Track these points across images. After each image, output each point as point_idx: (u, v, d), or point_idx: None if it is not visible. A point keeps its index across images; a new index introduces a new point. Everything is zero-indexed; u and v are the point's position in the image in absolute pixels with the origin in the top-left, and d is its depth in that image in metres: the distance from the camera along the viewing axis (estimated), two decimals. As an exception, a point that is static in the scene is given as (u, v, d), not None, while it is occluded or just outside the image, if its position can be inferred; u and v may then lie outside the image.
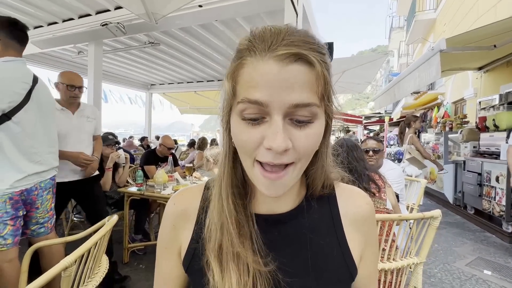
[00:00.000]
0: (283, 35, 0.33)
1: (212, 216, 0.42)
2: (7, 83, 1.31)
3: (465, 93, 5.99)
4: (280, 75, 0.31)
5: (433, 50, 2.57)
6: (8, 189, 1.29)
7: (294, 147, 0.34)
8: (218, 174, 0.43)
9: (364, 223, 0.46)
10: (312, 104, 0.33)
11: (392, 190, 1.43)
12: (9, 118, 1.29)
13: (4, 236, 1.28)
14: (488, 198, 3.43)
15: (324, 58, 0.35)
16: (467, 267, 2.44)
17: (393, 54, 21.19)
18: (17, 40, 1.39)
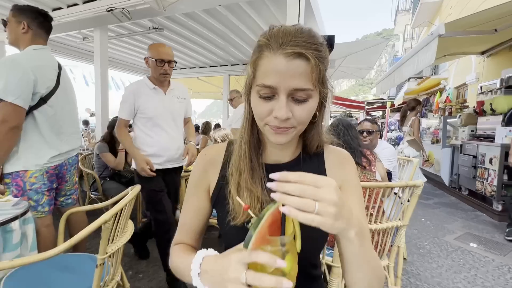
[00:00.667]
0: (291, 36, 0.46)
1: (233, 163, 0.58)
2: (45, 70, 1.44)
3: (467, 78, 6.00)
4: (286, 67, 0.45)
5: (432, 35, 2.63)
6: (46, 163, 1.46)
7: (293, 116, 0.48)
8: (240, 132, 0.58)
9: (341, 165, 0.60)
10: (307, 89, 0.47)
11: (382, 164, 1.58)
12: (45, 101, 1.44)
13: (43, 205, 1.47)
14: (481, 179, 3.58)
15: (320, 54, 0.47)
16: (455, 241, 2.63)
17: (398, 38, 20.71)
18: (45, 30, 1.52)
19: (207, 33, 4.71)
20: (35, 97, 1.39)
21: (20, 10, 1.46)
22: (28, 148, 1.42)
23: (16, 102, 1.29)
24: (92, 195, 2.54)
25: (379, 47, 3.88)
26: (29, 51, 1.45)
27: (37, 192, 1.45)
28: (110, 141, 2.58)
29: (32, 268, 1.12)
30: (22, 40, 1.46)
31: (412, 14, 11.10)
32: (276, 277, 0.38)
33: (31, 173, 1.42)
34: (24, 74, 1.33)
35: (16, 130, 1.34)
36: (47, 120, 1.46)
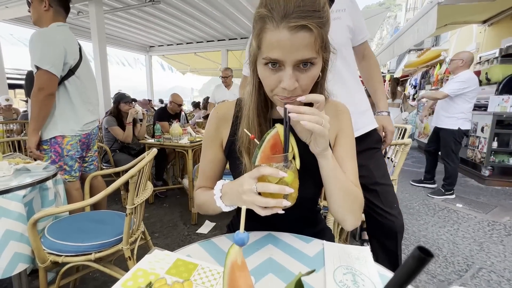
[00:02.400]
0: (293, 7, 0.47)
1: (243, 122, 0.63)
2: (71, 43, 1.56)
3: (468, 48, 5.95)
4: (291, 41, 0.48)
5: (432, 3, 2.63)
6: (80, 130, 1.62)
7: (300, 85, 0.52)
8: (248, 92, 0.63)
9: (337, 115, 0.67)
10: (311, 58, 0.50)
11: None
12: (73, 72, 1.57)
13: (75, 170, 1.65)
14: (472, 147, 3.75)
15: (322, 21, 0.49)
16: (442, 202, 2.85)
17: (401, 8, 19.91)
18: (64, 9, 1.60)
19: (204, 6, 4.61)
20: (65, 67, 1.52)
21: None
22: (63, 115, 1.57)
23: (51, 70, 1.43)
24: (103, 166, 2.69)
25: (379, 17, 3.84)
26: (55, 27, 1.55)
27: (72, 158, 1.63)
28: (117, 115, 2.68)
29: (69, 220, 1.29)
30: (45, 18, 1.54)
31: (416, -19, 10.63)
32: (280, 185, 0.51)
33: (67, 141, 1.59)
34: (56, 45, 1.46)
35: (52, 97, 1.48)
36: (77, 89, 1.60)
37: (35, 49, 1.43)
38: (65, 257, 1.08)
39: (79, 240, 1.11)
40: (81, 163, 1.74)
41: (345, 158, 0.67)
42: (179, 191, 3.08)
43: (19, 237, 1.07)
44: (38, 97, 1.43)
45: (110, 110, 2.74)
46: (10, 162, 1.30)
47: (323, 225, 0.84)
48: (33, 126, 1.48)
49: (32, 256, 1.12)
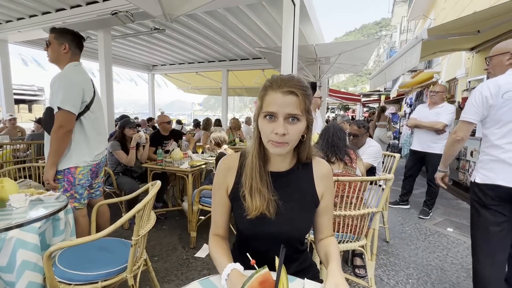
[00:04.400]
0: (286, 81, 0.71)
1: (246, 170, 0.80)
2: (87, 82, 1.73)
3: (458, 73, 6.23)
4: (282, 100, 0.69)
5: (417, 39, 2.85)
6: (92, 160, 1.76)
7: (288, 133, 0.70)
8: (250, 148, 0.80)
9: (324, 177, 0.85)
10: (298, 115, 0.70)
11: (362, 162, 1.86)
12: (89, 108, 1.73)
13: (84, 198, 1.76)
14: (463, 170, 3.88)
15: (306, 93, 0.71)
16: (434, 226, 2.94)
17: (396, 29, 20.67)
18: (80, 49, 1.78)
19: (207, 31, 4.87)
20: (82, 105, 1.69)
21: (61, 33, 1.71)
22: (78, 147, 1.70)
23: (72, 110, 1.59)
24: (106, 188, 2.80)
25: (371, 46, 4.09)
26: (72, 67, 1.72)
27: (82, 187, 1.75)
28: (122, 140, 2.81)
29: (77, 249, 1.39)
30: (63, 59, 1.71)
31: (408, 6, 11.19)
32: None
33: (79, 170, 1.72)
34: (77, 87, 1.63)
35: (70, 134, 1.63)
36: (91, 123, 1.75)
37: (58, 91, 1.58)
38: (74, 286, 1.17)
39: (88, 269, 1.21)
40: (89, 190, 1.86)
41: (329, 207, 0.88)
42: (178, 212, 3.16)
43: (33, 267, 1.17)
44: (58, 134, 1.57)
45: (115, 134, 2.87)
46: (26, 194, 1.41)
47: (309, 262, 0.95)
48: (51, 160, 1.61)
49: (43, 284, 1.21)
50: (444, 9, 7.71)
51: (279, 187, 0.80)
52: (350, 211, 1.48)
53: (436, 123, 3.01)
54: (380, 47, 21.59)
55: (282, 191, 0.80)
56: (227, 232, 0.91)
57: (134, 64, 7.96)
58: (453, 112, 3.01)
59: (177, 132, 3.61)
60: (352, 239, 1.58)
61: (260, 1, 3.34)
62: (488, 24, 3.34)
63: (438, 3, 8.55)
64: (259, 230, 0.80)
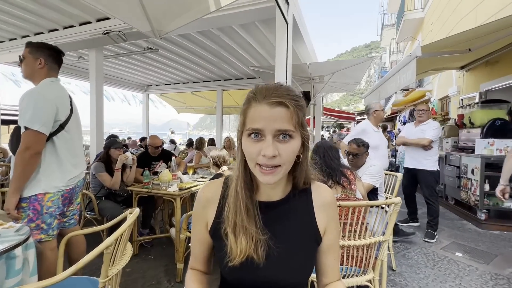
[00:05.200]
0: (272, 90, 0.56)
1: (229, 202, 0.64)
2: (63, 99, 1.58)
3: (450, 90, 6.31)
4: (270, 113, 0.55)
5: (411, 56, 2.83)
6: (64, 185, 1.56)
7: (279, 155, 0.55)
8: (234, 173, 0.65)
9: (327, 207, 0.68)
10: (289, 130, 0.56)
11: (362, 183, 1.70)
12: (63, 128, 1.57)
13: (53, 228, 1.54)
14: (465, 189, 3.74)
15: (298, 103, 0.57)
16: (441, 250, 2.74)
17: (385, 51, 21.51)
18: (58, 64, 1.66)
19: (201, 51, 4.88)
20: (55, 124, 1.52)
21: (36, 48, 1.59)
22: (48, 171, 1.52)
23: (41, 129, 1.42)
24: (87, 215, 2.57)
25: (364, 64, 4.11)
26: (47, 83, 1.58)
27: (51, 215, 1.54)
28: (107, 161, 2.63)
29: (34, 293, 1.16)
30: (38, 74, 1.58)
31: (397, 29, 11.66)
32: None
33: (48, 197, 1.52)
34: (48, 104, 1.48)
35: (38, 156, 1.45)
36: (65, 144, 1.58)
37: (26, 108, 1.43)
38: None
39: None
40: (61, 219, 1.65)
41: (335, 244, 0.71)
42: (166, 240, 2.91)
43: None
44: (24, 156, 1.39)
45: (100, 155, 2.70)
46: (-21, 226, 1.21)
47: None
48: (14, 186, 1.42)
49: None
50: (431, 31, 8.01)
51: (271, 221, 0.65)
52: (354, 240, 1.30)
53: (421, 140, 3.07)
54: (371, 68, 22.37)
55: (274, 226, 0.65)
56: (208, 267, 0.75)
57: (129, 84, 7.93)
58: (438, 128, 3.08)
59: (167, 152, 3.44)
60: (358, 273, 1.38)
61: (253, 20, 3.35)
62: (479, 43, 3.38)
63: (425, 25, 8.91)
64: (246, 279, 0.63)
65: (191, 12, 1.80)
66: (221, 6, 1.70)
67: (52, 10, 3.42)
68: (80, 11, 3.41)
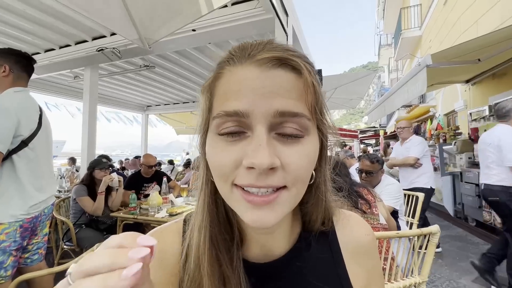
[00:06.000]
0: (264, 44, 0.31)
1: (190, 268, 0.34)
2: (28, 112, 1.38)
3: (456, 105, 6.13)
4: (262, 80, 0.28)
5: (420, 66, 2.66)
6: (23, 214, 1.30)
7: (283, 166, 0.28)
8: (197, 210, 0.36)
9: (365, 256, 0.42)
10: (301, 115, 0.29)
11: (383, 203, 1.40)
12: (26, 144, 1.34)
13: (6, 268, 1.26)
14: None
15: (313, 68, 0.32)
16: (474, 284, 2.36)
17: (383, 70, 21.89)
18: (27, 73, 1.47)
19: (198, 69, 4.78)
20: (16, 140, 1.30)
21: (1, 54, 1.42)
22: (3, 197, 1.27)
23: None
24: (65, 246, 2.25)
25: (368, 78, 3.95)
26: (11, 93, 1.39)
27: (4, 252, 1.26)
28: (90, 184, 2.37)
29: None
30: (2, 83, 1.39)
31: (394, 48, 11.83)
32: None
33: (2, 228, 1.25)
34: (6, 117, 1.26)
35: None
36: (27, 164, 1.34)
37: None
38: None
39: None
40: (19, 256, 1.36)
41: None
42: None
43: None
44: None
45: (83, 177, 2.44)
46: None
47: None
48: None
49: None
50: (430, 47, 8.03)
51: None
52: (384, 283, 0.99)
53: (407, 159, 2.96)
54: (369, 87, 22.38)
55: None
56: None
57: (128, 105, 7.86)
58: (420, 143, 2.97)
59: (161, 174, 3.19)
60: (389, 326, 1.06)
61: (251, 35, 3.24)
62: (489, 52, 3.22)
63: (423, 43, 8.99)
64: None
65: (181, 16, 1.64)
66: (214, 9, 1.54)
67: (49, 29, 3.36)
68: (77, 30, 3.35)
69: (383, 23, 14.93)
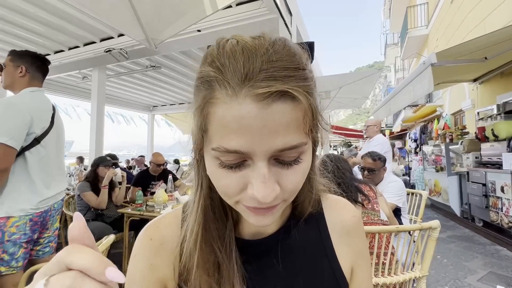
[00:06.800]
0: (260, 60, 0.27)
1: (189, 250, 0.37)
2: (41, 111, 1.43)
3: (463, 104, 6.05)
4: (261, 118, 0.27)
5: (425, 64, 2.64)
6: (33, 208, 1.35)
7: (282, 187, 0.30)
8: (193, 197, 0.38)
9: (351, 236, 0.44)
10: (300, 145, 0.29)
11: (384, 199, 1.41)
12: (39, 142, 1.39)
13: (17, 259, 1.31)
14: (495, 209, 3.35)
15: (310, 87, 0.29)
16: (479, 283, 2.34)
17: (390, 69, 21.67)
18: (42, 73, 1.53)
19: (204, 70, 4.84)
20: (29, 137, 1.35)
21: (18, 55, 1.48)
22: (14, 191, 1.32)
23: (9, 143, 1.24)
24: (73, 241, 2.32)
25: (373, 77, 3.94)
26: (26, 93, 1.45)
27: (15, 244, 1.31)
28: (94, 180, 2.44)
29: None
30: (19, 83, 1.45)
31: (401, 47, 11.70)
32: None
33: (13, 222, 1.30)
34: (20, 115, 1.32)
35: (4, 174, 1.27)
36: (39, 161, 1.40)
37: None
38: None
39: None
40: (30, 248, 1.42)
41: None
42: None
43: None
44: None
45: (87, 174, 2.51)
46: None
47: None
48: None
49: None
50: (437, 46, 7.92)
51: (261, 271, 0.39)
52: (384, 277, 1.01)
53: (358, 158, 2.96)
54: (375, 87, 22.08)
55: (268, 280, 0.39)
56: None
57: (135, 105, 7.98)
58: (381, 143, 2.92)
59: (168, 172, 3.26)
60: (389, 320, 1.07)
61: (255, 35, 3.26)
62: (495, 51, 3.19)
63: (430, 41, 8.87)
64: None
65: (187, 17, 1.68)
66: (218, 9, 1.57)
67: (59, 31, 3.45)
68: (85, 31, 3.43)
69: (390, 22, 14.79)
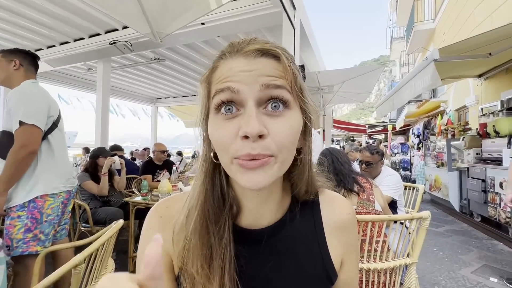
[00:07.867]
0: (249, 40, 0.39)
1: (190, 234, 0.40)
2: (51, 97, 1.52)
3: (467, 100, 6.01)
4: (249, 66, 0.35)
5: (427, 60, 2.65)
6: (64, 186, 1.46)
7: (270, 135, 0.34)
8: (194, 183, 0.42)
9: (344, 232, 0.47)
10: (283, 87, 0.35)
11: (379, 191, 1.47)
12: (56, 125, 1.50)
13: (50, 239, 1.42)
14: (493, 204, 3.39)
15: (291, 56, 0.38)
16: (472, 275, 2.41)
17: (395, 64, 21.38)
18: (34, 68, 1.59)
19: (207, 62, 4.85)
20: (49, 120, 1.45)
21: (9, 51, 1.53)
22: (45, 172, 1.42)
23: (37, 124, 1.34)
24: (82, 227, 2.42)
25: (376, 72, 3.94)
26: (31, 84, 1.50)
27: (50, 224, 1.43)
28: (94, 171, 2.54)
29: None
30: (15, 77, 1.49)
31: (407, 41, 11.52)
32: None
33: (49, 204, 1.41)
34: (41, 99, 1.42)
35: (33, 156, 1.36)
36: (60, 142, 1.50)
37: (18, 106, 1.35)
38: None
39: None
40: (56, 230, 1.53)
41: (353, 283, 0.50)
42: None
43: None
44: (19, 155, 1.30)
45: (86, 165, 2.61)
46: None
47: None
48: (4, 187, 1.32)
49: None
50: (443, 41, 7.81)
51: (259, 261, 0.43)
52: (375, 263, 1.08)
53: None
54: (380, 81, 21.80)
55: (264, 268, 0.43)
56: None
57: (138, 97, 8.04)
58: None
59: (170, 162, 3.37)
60: (380, 303, 1.15)
61: (259, 28, 3.28)
62: (500, 46, 3.17)
63: (436, 36, 8.74)
64: None
65: (191, 11, 1.72)
66: (222, 3, 1.60)
67: (65, 23, 3.48)
68: (90, 23, 3.46)
69: (396, 15, 14.52)
